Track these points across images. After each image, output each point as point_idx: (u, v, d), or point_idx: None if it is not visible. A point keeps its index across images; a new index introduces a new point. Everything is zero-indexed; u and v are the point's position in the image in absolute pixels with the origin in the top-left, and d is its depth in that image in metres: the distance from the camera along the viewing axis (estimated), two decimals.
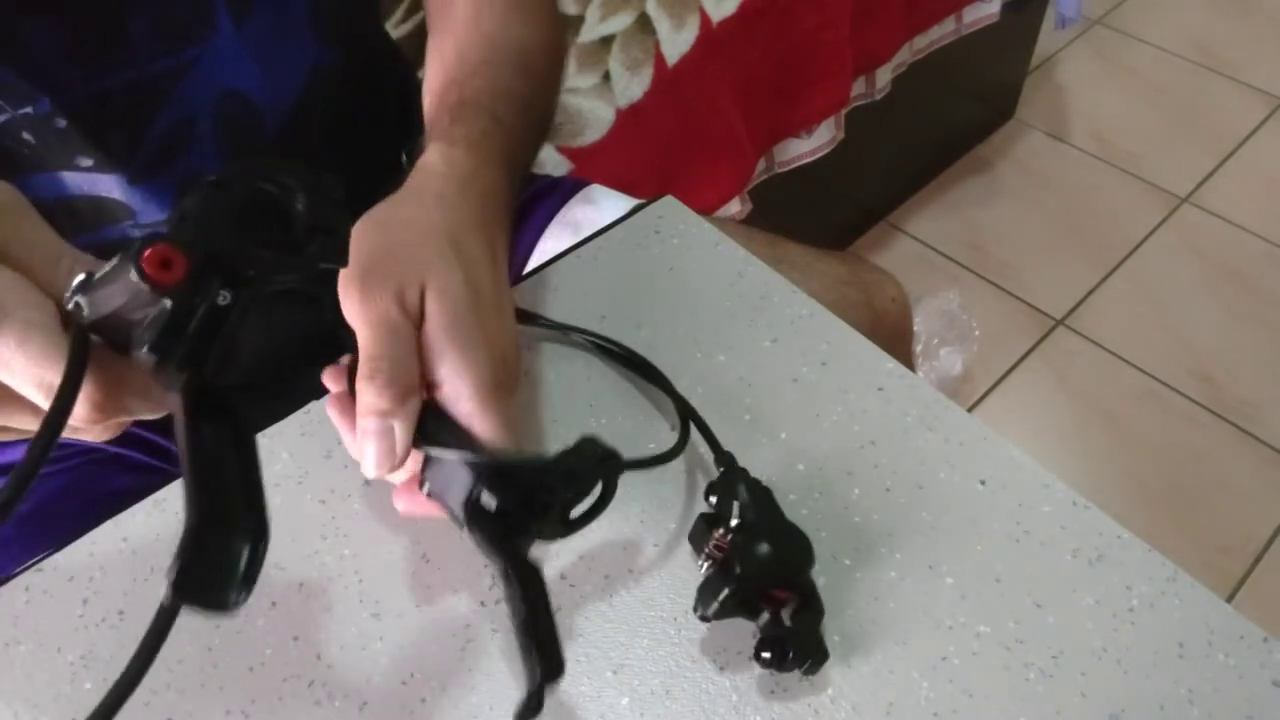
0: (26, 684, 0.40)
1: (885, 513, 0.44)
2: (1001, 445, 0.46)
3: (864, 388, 0.48)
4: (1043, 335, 1.54)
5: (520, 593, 0.34)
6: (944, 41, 1.42)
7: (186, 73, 0.48)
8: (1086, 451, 1.40)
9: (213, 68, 0.49)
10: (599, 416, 0.48)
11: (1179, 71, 1.96)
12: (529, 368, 0.50)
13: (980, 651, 0.39)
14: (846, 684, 0.39)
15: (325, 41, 0.54)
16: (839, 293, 0.66)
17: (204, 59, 0.48)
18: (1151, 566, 0.41)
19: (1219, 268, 1.61)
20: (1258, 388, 1.45)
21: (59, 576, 0.43)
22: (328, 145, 0.56)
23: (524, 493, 0.36)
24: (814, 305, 0.52)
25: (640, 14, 1.03)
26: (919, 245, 1.68)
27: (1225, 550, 1.29)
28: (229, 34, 0.49)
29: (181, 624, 0.41)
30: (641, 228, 0.57)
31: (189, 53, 0.48)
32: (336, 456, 0.47)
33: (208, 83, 0.49)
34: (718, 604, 0.37)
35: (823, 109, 1.22)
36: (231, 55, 0.49)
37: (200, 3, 0.48)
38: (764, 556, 0.37)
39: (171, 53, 0.47)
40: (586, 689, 0.39)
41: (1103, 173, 1.78)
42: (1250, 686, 0.38)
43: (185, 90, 0.49)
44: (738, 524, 0.39)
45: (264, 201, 0.30)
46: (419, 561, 0.43)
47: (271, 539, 0.29)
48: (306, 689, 0.40)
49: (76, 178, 0.48)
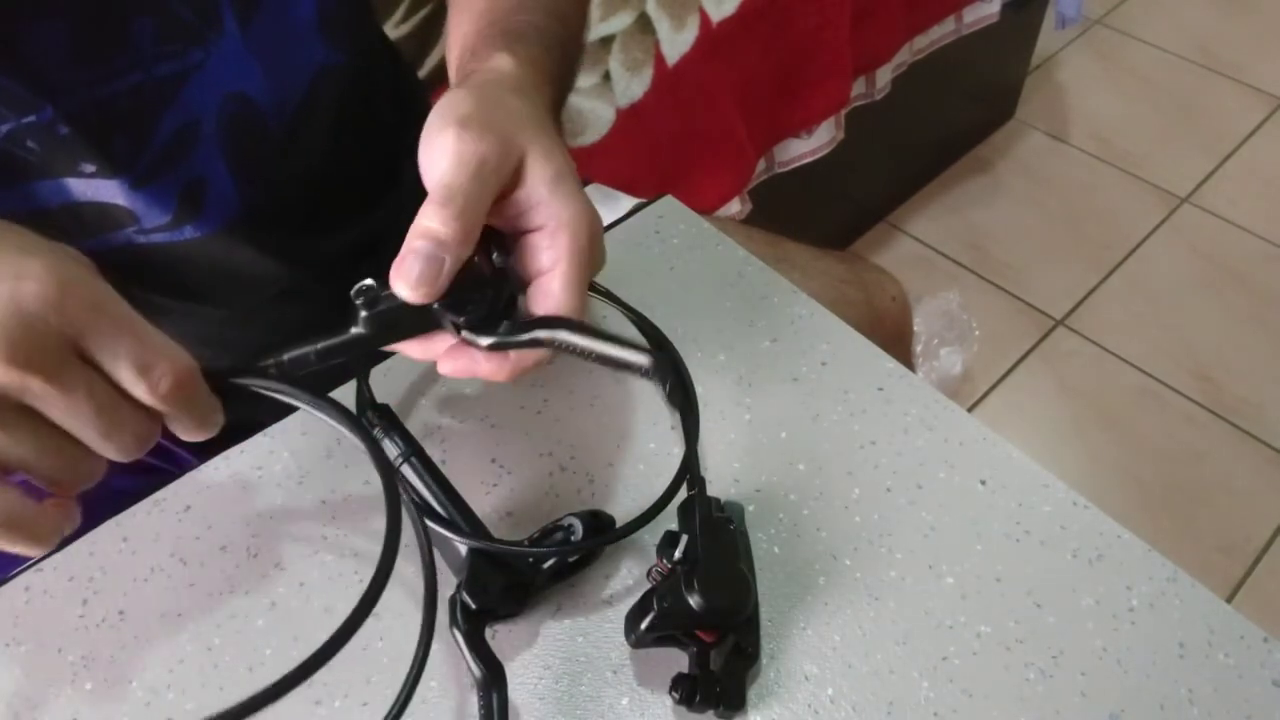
0: (26, 684, 0.40)
1: (885, 513, 0.44)
2: (1001, 445, 0.46)
3: (864, 388, 0.48)
4: (1043, 335, 1.54)
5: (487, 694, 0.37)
6: (944, 41, 1.42)
7: (191, 76, 0.48)
8: (1086, 451, 1.40)
9: (218, 71, 0.49)
10: (599, 416, 0.48)
11: (1179, 71, 1.96)
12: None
13: (980, 651, 0.39)
14: (846, 684, 0.39)
15: (331, 43, 0.54)
16: (839, 292, 0.66)
17: (209, 62, 0.48)
18: (1151, 566, 0.41)
19: (1219, 268, 1.61)
20: (1258, 388, 1.45)
21: (59, 576, 0.43)
22: (330, 147, 0.56)
23: (507, 579, 0.39)
24: (814, 305, 0.52)
25: (640, 14, 1.03)
26: (919, 245, 1.68)
27: (1225, 550, 1.29)
28: (234, 36, 0.49)
29: (181, 624, 0.41)
30: (641, 228, 0.57)
31: (194, 56, 0.48)
32: (336, 456, 0.47)
33: (212, 86, 0.49)
34: (636, 635, 0.38)
35: (823, 109, 1.22)
36: (237, 58, 0.49)
37: (206, 5, 0.47)
38: (690, 598, 0.36)
39: (176, 56, 0.47)
40: (586, 689, 0.39)
41: (1103, 173, 1.78)
42: (1250, 686, 0.38)
43: (190, 94, 0.48)
44: (680, 558, 0.38)
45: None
46: (419, 562, 0.43)
47: (271, 539, 0.29)
48: (306, 689, 0.39)
49: (80, 184, 0.48)
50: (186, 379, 0.33)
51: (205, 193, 0.51)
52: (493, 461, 0.47)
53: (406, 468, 0.42)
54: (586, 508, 0.42)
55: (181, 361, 0.33)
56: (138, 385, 0.32)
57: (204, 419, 0.35)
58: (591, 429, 0.47)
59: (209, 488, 0.46)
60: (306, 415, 0.49)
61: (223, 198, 0.52)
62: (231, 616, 0.42)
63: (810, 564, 0.42)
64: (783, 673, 0.39)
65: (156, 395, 0.32)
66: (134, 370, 0.32)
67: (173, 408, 0.33)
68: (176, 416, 0.34)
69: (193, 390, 0.34)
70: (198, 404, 0.34)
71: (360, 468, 0.46)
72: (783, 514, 0.44)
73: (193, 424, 0.34)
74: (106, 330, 0.31)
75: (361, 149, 0.60)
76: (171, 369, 0.32)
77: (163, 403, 0.33)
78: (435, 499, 0.40)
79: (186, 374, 0.33)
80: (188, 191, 0.50)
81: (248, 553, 0.43)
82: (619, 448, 0.47)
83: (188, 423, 0.34)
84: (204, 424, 0.35)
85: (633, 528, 0.41)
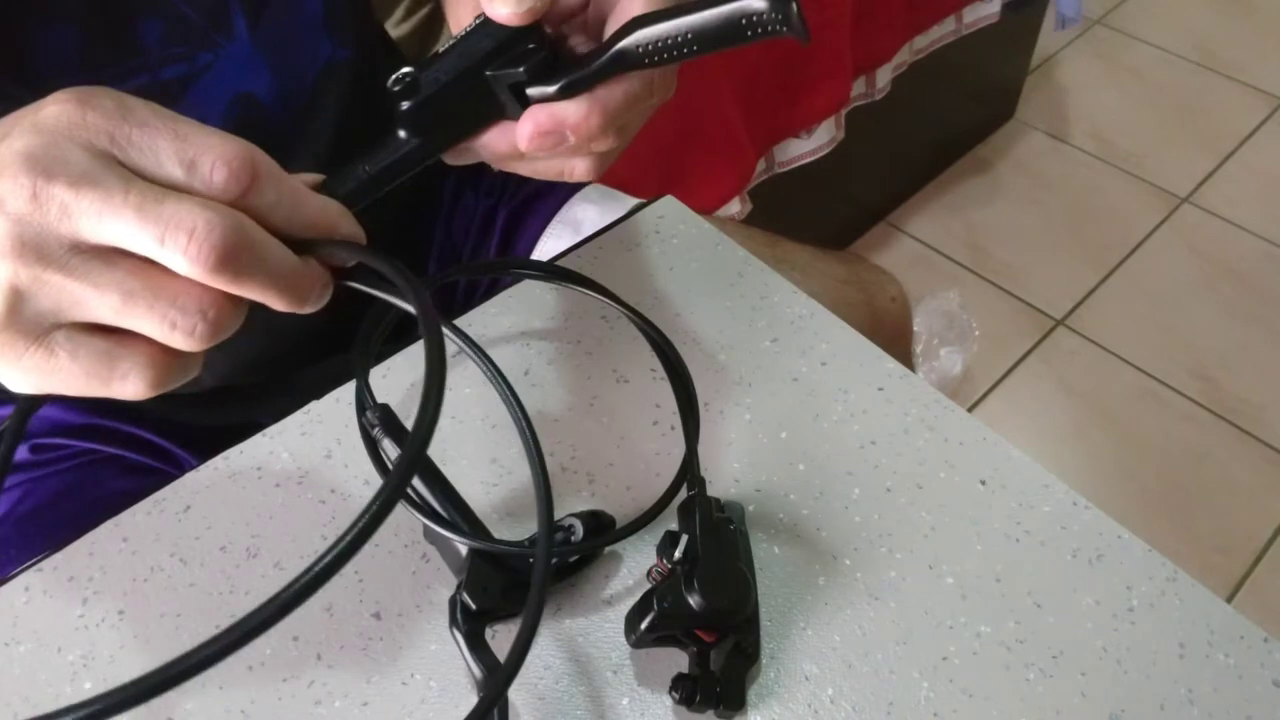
0: (26, 684, 0.40)
1: (885, 513, 0.44)
2: (1001, 445, 0.46)
3: (864, 388, 0.48)
4: (1043, 335, 1.54)
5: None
6: (944, 41, 1.42)
7: (199, 79, 0.48)
8: (1086, 451, 1.40)
9: (226, 72, 0.49)
10: (599, 416, 0.48)
11: (1179, 71, 1.96)
12: (529, 368, 0.50)
13: (980, 651, 0.39)
14: (846, 684, 0.39)
15: (336, 38, 0.54)
16: (839, 292, 0.66)
17: (217, 64, 0.48)
18: (1151, 566, 0.41)
19: (1219, 268, 1.61)
20: (1257, 388, 1.45)
21: (59, 576, 0.43)
22: (335, 142, 0.56)
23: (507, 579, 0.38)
24: (814, 305, 0.52)
25: None
26: (919, 245, 1.68)
27: (1225, 550, 1.29)
28: (243, 38, 0.49)
29: (181, 623, 0.41)
30: (641, 228, 0.57)
31: (202, 59, 0.48)
32: (336, 456, 0.47)
33: (220, 88, 0.49)
34: (636, 635, 0.38)
35: (823, 109, 1.22)
36: (245, 59, 0.49)
37: (215, 7, 0.47)
38: (690, 598, 0.37)
39: (184, 59, 0.47)
40: (586, 689, 0.39)
41: (1103, 173, 1.78)
42: (1250, 686, 0.38)
43: (196, 95, 0.48)
44: (680, 558, 0.38)
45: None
46: (419, 562, 0.43)
47: (271, 539, 0.29)
48: (306, 689, 0.40)
49: None
50: (238, 165, 0.28)
51: None
52: (493, 461, 0.47)
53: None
54: (586, 508, 0.42)
55: (231, 148, 0.29)
56: (191, 182, 0.28)
57: (291, 217, 0.30)
58: (591, 429, 0.47)
59: (209, 488, 0.46)
60: (306, 415, 0.49)
61: None
62: (231, 616, 0.42)
63: (810, 564, 0.42)
64: (783, 673, 0.39)
65: (215, 187, 0.28)
66: (181, 166, 0.28)
67: (244, 201, 0.29)
68: (258, 210, 0.29)
69: (253, 176, 0.29)
70: (272, 198, 0.29)
71: (360, 467, 0.46)
72: (783, 514, 0.44)
73: (281, 219, 0.29)
74: (134, 134, 0.28)
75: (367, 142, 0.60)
76: (220, 157, 0.28)
77: (225, 193, 0.28)
78: (435, 499, 0.40)
79: (239, 159, 0.28)
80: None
81: (248, 553, 0.43)
82: (619, 448, 0.47)
83: (274, 215, 0.29)
84: (303, 223, 0.30)
85: (633, 528, 0.41)
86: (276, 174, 0.30)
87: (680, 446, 0.44)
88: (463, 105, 0.33)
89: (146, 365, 0.29)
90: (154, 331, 0.28)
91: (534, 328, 0.52)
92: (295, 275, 0.30)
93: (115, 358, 0.29)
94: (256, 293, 0.29)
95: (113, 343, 0.29)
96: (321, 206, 0.31)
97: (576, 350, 0.51)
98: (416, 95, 0.32)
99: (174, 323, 0.28)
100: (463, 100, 0.32)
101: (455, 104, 0.33)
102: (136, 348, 0.29)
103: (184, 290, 0.28)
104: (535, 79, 0.32)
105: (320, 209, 0.31)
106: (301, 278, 0.30)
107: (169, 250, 0.27)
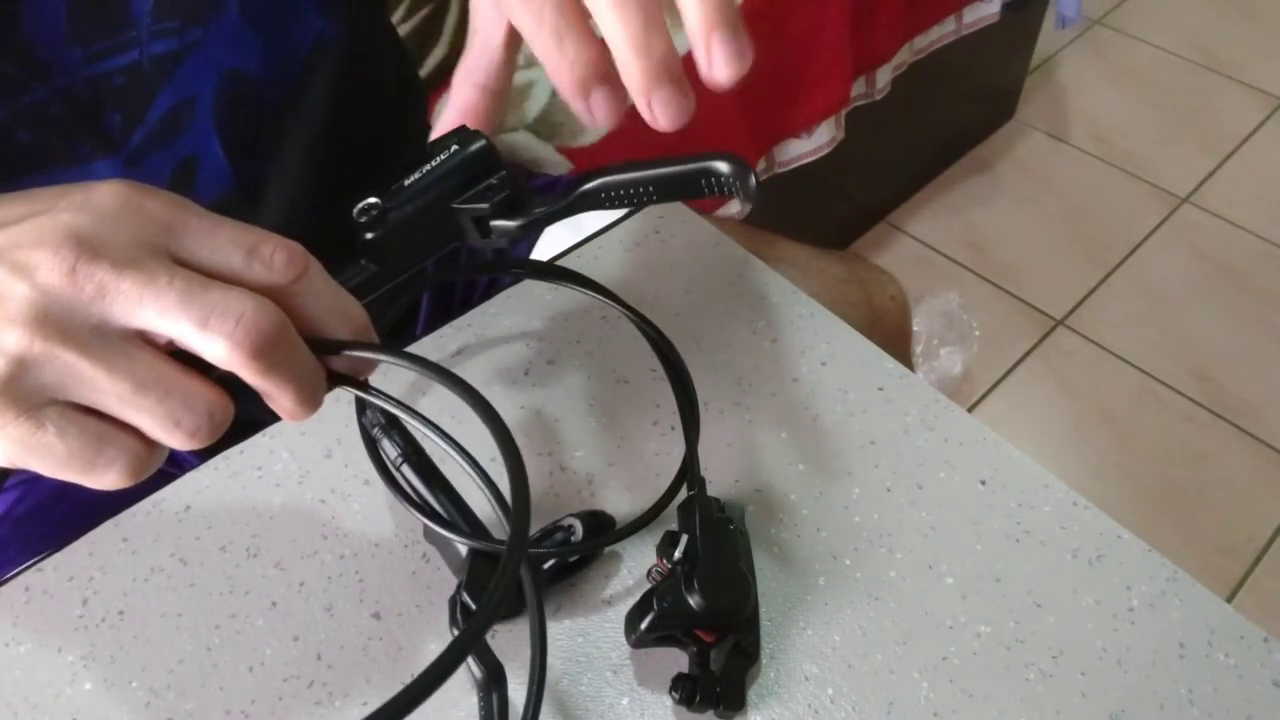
0: (26, 684, 0.40)
1: (885, 513, 0.44)
2: (1001, 445, 0.46)
3: (864, 388, 0.48)
4: (1043, 335, 1.54)
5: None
6: (944, 41, 1.42)
7: (189, 54, 0.48)
8: (1086, 451, 1.40)
9: (216, 48, 0.48)
10: (599, 416, 0.48)
11: (1179, 71, 1.96)
12: (529, 368, 0.50)
13: (980, 651, 0.39)
14: (846, 684, 0.39)
15: (329, 13, 0.53)
16: (838, 292, 0.65)
17: (207, 40, 0.48)
18: (1151, 566, 0.41)
19: (1219, 268, 1.61)
20: (1257, 388, 1.45)
21: (59, 576, 0.43)
22: (328, 119, 0.55)
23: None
24: (814, 305, 0.52)
25: None
26: (919, 245, 1.68)
27: (1225, 550, 1.29)
28: (234, 13, 0.48)
29: (181, 624, 0.41)
30: (641, 228, 0.57)
31: (193, 34, 0.47)
32: (336, 456, 0.47)
33: (211, 63, 0.48)
34: (636, 635, 0.37)
35: (823, 109, 1.22)
36: (235, 34, 0.49)
37: None
38: (690, 598, 0.37)
39: (174, 34, 0.47)
40: (586, 689, 0.39)
41: (1103, 173, 1.78)
42: (1250, 686, 0.38)
43: (187, 71, 0.48)
44: (680, 558, 0.38)
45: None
46: (419, 561, 0.43)
47: (271, 539, 0.29)
48: (306, 689, 0.40)
49: (71, 176, 0.48)
50: (297, 252, 0.29)
51: (197, 171, 0.51)
52: (493, 461, 0.47)
53: (406, 467, 0.42)
54: (586, 508, 0.42)
55: (287, 239, 0.30)
56: (250, 267, 0.28)
57: (332, 309, 0.30)
58: (591, 429, 0.47)
59: (209, 488, 0.46)
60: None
61: (215, 175, 0.51)
62: (231, 616, 0.42)
63: (810, 564, 0.42)
64: (783, 673, 0.39)
65: (275, 271, 0.29)
66: (241, 251, 0.28)
67: (299, 284, 0.29)
68: (303, 300, 0.30)
69: (307, 264, 0.29)
70: (319, 287, 0.30)
71: (360, 467, 0.46)
72: (783, 514, 0.44)
73: (323, 310, 0.30)
74: (194, 222, 0.28)
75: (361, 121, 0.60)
76: (280, 243, 0.29)
77: (284, 276, 0.29)
78: (435, 499, 0.40)
79: (297, 246, 0.29)
80: (180, 170, 0.50)
81: (247, 553, 0.43)
82: (619, 448, 0.47)
83: (316, 307, 0.30)
84: (339, 316, 0.30)
85: (633, 528, 0.41)
86: (321, 267, 0.30)
87: (680, 446, 0.44)
88: (425, 235, 0.34)
89: (132, 456, 0.29)
90: (154, 425, 0.28)
91: (534, 328, 0.52)
92: (315, 375, 0.30)
93: (104, 443, 0.28)
94: (278, 386, 0.29)
95: (105, 427, 0.28)
96: (356, 301, 0.31)
97: (576, 350, 0.51)
98: (381, 228, 0.33)
99: (178, 420, 0.28)
100: (426, 230, 0.34)
101: (418, 234, 0.34)
102: (126, 437, 0.29)
103: (197, 390, 0.28)
104: (499, 214, 0.34)
105: (356, 303, 0.31)
106: (319, 377, 0.31)
107: (210, 334, 0.27)
